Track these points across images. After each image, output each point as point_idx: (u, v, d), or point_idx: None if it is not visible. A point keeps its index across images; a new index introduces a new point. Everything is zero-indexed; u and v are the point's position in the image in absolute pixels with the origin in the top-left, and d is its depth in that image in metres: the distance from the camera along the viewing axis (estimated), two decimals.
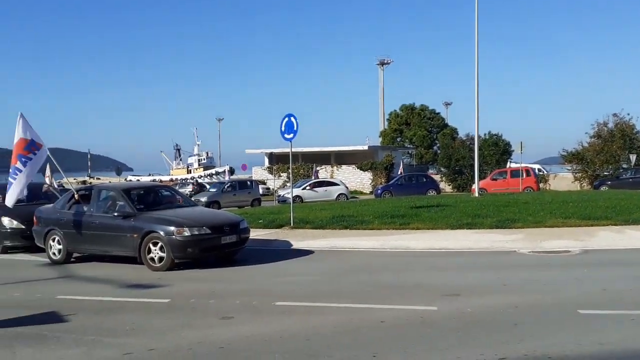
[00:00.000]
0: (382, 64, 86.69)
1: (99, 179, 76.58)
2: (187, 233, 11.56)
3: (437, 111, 75.88)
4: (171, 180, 67.43)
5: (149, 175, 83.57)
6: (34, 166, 13.31)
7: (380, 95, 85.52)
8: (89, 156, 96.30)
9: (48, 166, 14.41)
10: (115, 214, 12.32)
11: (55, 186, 16.43)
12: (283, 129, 17.02)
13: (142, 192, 13.78)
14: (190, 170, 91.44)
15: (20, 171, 13.05)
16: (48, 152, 13.72)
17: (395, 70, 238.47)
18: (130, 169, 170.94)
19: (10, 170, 13.19)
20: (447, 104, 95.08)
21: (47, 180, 16.01)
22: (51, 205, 13.99)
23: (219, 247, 12.00)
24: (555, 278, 9.64)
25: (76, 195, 13.29)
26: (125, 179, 55.12)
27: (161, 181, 58.49)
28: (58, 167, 15.12)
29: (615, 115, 43.42)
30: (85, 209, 12.94)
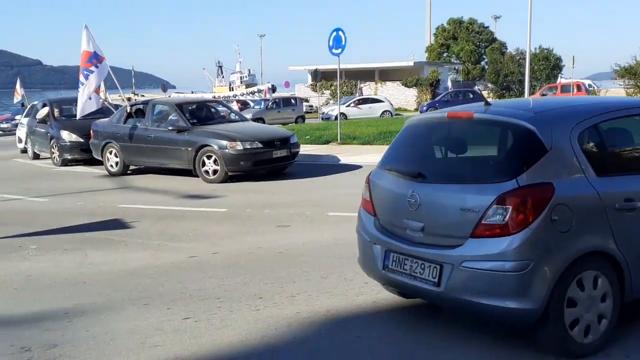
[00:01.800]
0: None
1: (143, 95, 77.32)
2: (240, 147, 11.86)
3: (485, 25, 73.24)
4: (213, 97, 67.74)
5: (192, 92, 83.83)
6: (96, 79, 13.52)
7: (427, 9, 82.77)
8: (132, 73, 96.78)
9: (102, 81, 14.69)
10: (170, 127, 12.65)
11: (110, 101, 16.83)
12: (331, 43, 16.89)
13: (195, 107, 14.07)
14: (232, 88, 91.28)
15: (83, 84, 13.35)
16: (108, 67, 13.94)
17: None
18: (173, 87, 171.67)
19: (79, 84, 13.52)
20: (496, 18, 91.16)
21: (102, 94, 16.35)
22: (107, 119, 14.40)
23: (270, 160, 12.30)
24: None
25: (128, 109, 13.64)
26: (169, 96, 55.53)
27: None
28: (116, 82, 15.44)
29: None
30: (139, 123, 13.32)
